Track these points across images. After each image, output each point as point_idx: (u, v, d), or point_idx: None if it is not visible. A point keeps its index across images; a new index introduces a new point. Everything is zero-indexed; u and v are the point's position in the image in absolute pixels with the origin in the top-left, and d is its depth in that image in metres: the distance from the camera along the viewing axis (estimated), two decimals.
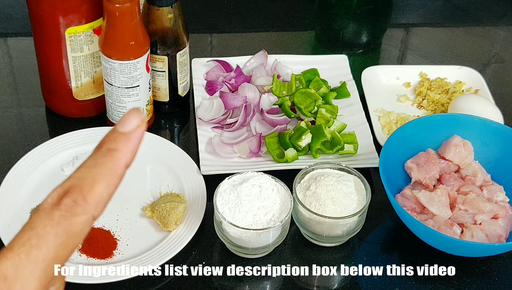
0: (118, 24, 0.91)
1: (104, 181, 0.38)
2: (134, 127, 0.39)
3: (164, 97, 1.04)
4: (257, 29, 1.30)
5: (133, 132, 0.39)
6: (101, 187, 0.38)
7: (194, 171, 0.94)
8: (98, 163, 0.38)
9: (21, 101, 1.11)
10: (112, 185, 0.38)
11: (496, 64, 1.25)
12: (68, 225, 0.36)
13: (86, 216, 0.37)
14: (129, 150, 0.39)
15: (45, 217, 0.36)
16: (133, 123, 0.39)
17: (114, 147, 0.38)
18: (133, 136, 0.39)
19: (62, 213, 0.36)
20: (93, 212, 0.37)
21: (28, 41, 1.15)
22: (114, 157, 0.38)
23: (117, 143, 0.38)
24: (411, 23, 1.36)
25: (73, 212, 0.36)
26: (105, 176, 0.38)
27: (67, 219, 0.36)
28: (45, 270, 0.35)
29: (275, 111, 1.04)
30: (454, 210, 0.87)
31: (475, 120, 0.95)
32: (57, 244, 0.36)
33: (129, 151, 0.39)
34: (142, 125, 0.39)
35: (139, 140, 0.39)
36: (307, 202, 0.85)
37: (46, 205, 0.37)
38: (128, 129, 0.39)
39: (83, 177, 0.38)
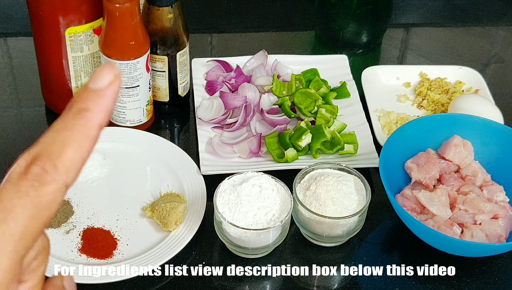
0: (118, 24, 0.91)
1: (75, 144, 0.34)
2: (107, 83, 0.35)
3: (164, 97, 1.04)
4: (257, 29, 1.30)
5: (106, 88, 0.35)
6: (72, 151, 0.34)
7: (194, 171, 0.94)
8: (68, 126, 0.34)
9: (21, 101, 1.11)
10: (84, 149, 0.35)
11: (496, 64, 1.25)
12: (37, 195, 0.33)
13: (57, 184, 0.34)
14: (102, 109, 0.35)
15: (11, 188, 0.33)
16: (106, 79, 0.35)
17: (85, 106, 0.35)
18: (106, 93, 0.35)
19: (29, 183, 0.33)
20: (65, 179, 0.34)
21: (28, 41, 1.15)
22: (85, 117, 0.34)
23: (88, 102, 0.35)
24: (411, 23, 1.36)
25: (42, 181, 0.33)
26: (76, 139, 0.34)
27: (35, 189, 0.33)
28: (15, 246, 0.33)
29: (275, 111, 1.04)
30: (454, 210, 0.87)
31: (475, 120, 0.95)
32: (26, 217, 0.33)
33: (102, 110, 0.35)
34: (116, 80, 0.35)
35: (113, 97, 0.35)
36: (307, 202, 0.85)
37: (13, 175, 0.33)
38: (101, 86, 0.35)
39: (52, 142, 0.34)
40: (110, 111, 0.35)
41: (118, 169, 0.96)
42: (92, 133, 0.35)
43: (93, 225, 0.88)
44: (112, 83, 0.35)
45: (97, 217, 0.89)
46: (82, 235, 0.87)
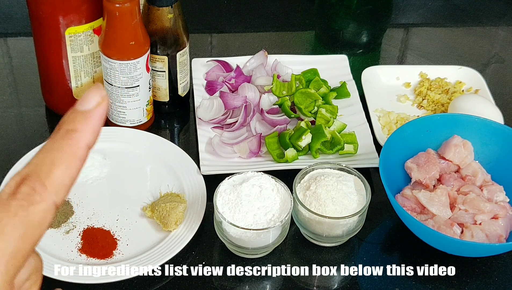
0: (118, 24, 0.91)
1: (63, 164, 0.35)
2: (94, 105, 0.36)
3: (164, 97, 1.04)
4: (257, 29, 1.30)
5: (93, 110, 0.36)
6: (61, 171, 0.35)
7: (194, 171, 0.94)
8: (56, 147, 0.35)
9: (21, 101, 1.11)
10: (73, 168, 0.35)
11: (496, 64, 1.25)
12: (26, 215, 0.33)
13: (46, 203, 0.34)
14: (89, 129, 0.36)
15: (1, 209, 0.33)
16: (93, 101, 0.36)
17: (72, 127, 0.36)
18: (93, 115, 0.36)
19: (19, 202, 0.34)
20: (54, 199, 0.35)
21: (28, 41, 1.15)
22: (73, 138, 0.35)
23: (76, 123, 0.36)
24: (411, 23, 1.36)
25: (31, 200, 0.34)
26: (64, 159, 0.35)
27: (25, 208, 0.34)
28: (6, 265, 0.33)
29: (275, 111, 1.04)
30: (454, 210, 0.87)
31: (475, 120, 0.95)
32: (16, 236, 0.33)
33: (90, 131, 0.36)
34: (102, 102, 0.36)
35: (100, 119, 0.36)
36: (307, 202, 0.85)
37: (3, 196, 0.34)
38: (88, 107, 0.36)
39: (41, 162, 0.35)
40: (97, 132, 0.36)
41: (118, 169, 0.96)
42: (80, 153, 0.35)
43: (93, 225, 0.88)
44: (99, 104, 0.36)
45: (97, 217, 0.89)
46: (82, 235, 0.87)
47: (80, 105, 0.36)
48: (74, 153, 0.35)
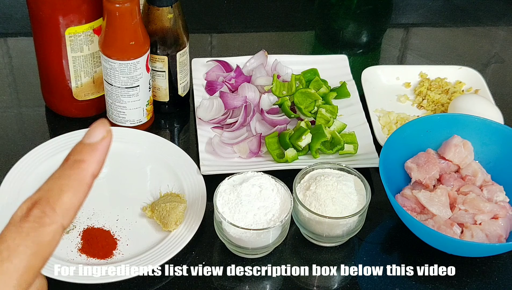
0: (118, 24, 0.91)
1: (71, 190, 0.39)
2: (99, 138, 0.41)
3: (164, 97, 1.04)
4: (257, 29, 1.30)
5: (98, 143, 0.41)
6: (68, 196, 0.39)
7: (194, 171, 0.94)
8: (65, 174, 0.39)
9: (21, 101, 1.11)
10: (79, 194, 0.40)
11: (496, 64, 1.25)
12: (37, 235, 0.37)
13: (55, 225, 0.38)
14: (95, 160, 0.40)
15: (14, 229, 0.37)
16: (99, 134, 0.41)
17: (80, 158, 0.40)
18: (99, 147, 0.41)
19: (31, 224, 0.37)
20: (62, 221, 0.38)
21: (28, 41, 1.15)
22: (80, 168, 0.40)
23: (83, 154, 0.40)
24: (411, 23, 1.36)
25: (41, 222, 0.37)
26: (72, 186, 0.39)
27: (36, 229, 0.37)
28: (18, 280, 0.36)
29: (275, 111, 1.04)
30: (454, 210, 0.87)
31: (475, 120, 0.95)
32: (28, 254, 0.37)
33: (95, 161, 0.40)
34: (107, 136, 0.41)
35: (105, 151, 0.41)
36: (307, 202, 0.85)
37: (16, 218, 0.38)
38: (94, 140, 0.41)
39: (50, 188, 0.39)
40: (102, 162, 0.41)
41: (118, 169, 0.96)
42: (86, 180, 0.40)
43: (93, 225, 0.88)
44: (104, 138, 0.41)
45: (97, 217, 0.89)
46: (82, 235, 0.87)
47: (87, 138, 0.41)
48: (81, 181, 0.40)
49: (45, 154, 0.96)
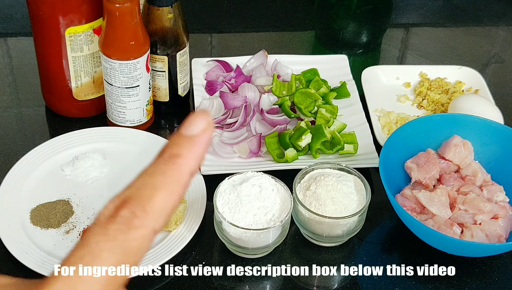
0: (118, 24, 0.91)
1: (165, 190, 0.34)
2: (200, 131, 0.35)
3: (164, 97, 1.04)
4: (257, 29, 1.30)
5: (199, 135, 0.35)
6: (162, 196, 0.34)
7: None
8: (160, 171, 0.34)
9: (21, 101, 1.11)
10: (175, 195, 0.34)
11: (496, 64, 1.25)
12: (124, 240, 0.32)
13: (146, 230, 0.33)
14: (193, 155, 0.35)
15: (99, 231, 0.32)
16: (199, 126, 0.35)
17: (177, 152, 0.34)
18: (199, 140, 0.35)
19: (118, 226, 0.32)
20: (154, 225, 0.33)
21: (28, 41, 1.15)
22: (177, 163, 0.34)
23: (181, 148, 0.35)
24: (411, 23, 1.36)
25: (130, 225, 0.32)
26: (167, 185, 0.34)
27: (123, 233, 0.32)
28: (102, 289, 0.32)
29: (275, 111, 1.04)
30: (454, 210, 0.87)
31: (475, 120, 0.95)
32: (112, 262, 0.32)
33: (194, 157, 0.35)
34: (209, 128, 0.35)
35: (205, 145, 0.35)
36: (307, 202, 0.85)
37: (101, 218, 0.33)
38: (194, 132, 0.35)
39: (143, 186, 0.34)
40: (201, 159, 0.35)
41: (118, 169, 0.96)
42: (183, 179, 0.34)
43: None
44: (205, 130, 0.35)
45: None
46: (82, 235, 0.87)
47: (185, 130, 0.35)
48: (177, 179, 0.34)
49: (45, 154, 0.96)
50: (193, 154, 0.35)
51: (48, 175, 0.94)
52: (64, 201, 0.91)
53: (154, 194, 0.33)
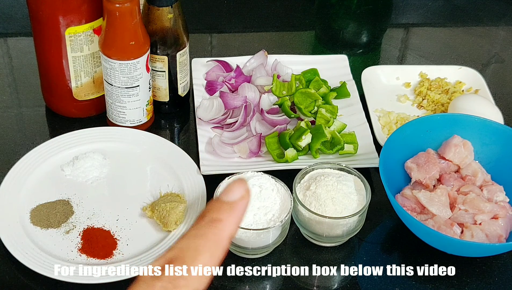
0: (118, 24, 0.91)
1: (208, 252, 0.36)
2: (238, 197, 0.37)
3: (164, 97, 1.04)
4: (257, 29, 1.30)
5: (237, 202, 0.37)
6: (205, 258, 0.35)
7: (194, 171, 0.94)
8: (202, 234, 0.36)
9: (21, 101, 1.11)
10: (215, 257, 0.36)
11: (496, 64, 1.25)
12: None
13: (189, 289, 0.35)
14: (233, 221, 0.37)
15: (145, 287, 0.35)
16: (238, 193, 0.38)
17: (218, 217, 0.37)
18: (238, 207, 0.37)
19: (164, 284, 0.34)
20: (197, 285, 0.35)
21: (28, 41, 1.15)
22: (217, 227, 0.36)
23: (221, 213, 0.37)
24: (411, 23, 1.36)
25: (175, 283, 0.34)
26: (209, 247, 0.36)
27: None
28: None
29: (275, 111, 1.04)
30: (454, 210, 0.87)
31: (475, 120, 0.95)
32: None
33: (233, 222, 0.37)
34: (247, 196, 0.38)
35: (243, 211, 0.38)
36: (307, 202, 0.85)
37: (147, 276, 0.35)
38: (233, 199, 0.37)
39: (186, 247, 0.36)
40: (239, 224, 0.37)
41: (118, 169, 0.96)
42: (223, 243, 0.36)
43: (93, 225, 0.88)
44: (243, 197, 0.37)
45: (97, 217, 0.89)
46: (82, 235, 0.87)
47: (225, 196, 0.37)
48: (218, 242, 0.36)
49: (45, 154, 0.96)
50: (232, 219, 0.37)
51: (48, 175, 0.94)
52: (64, 201, 0.91)
53: (197, 256, 0.35)
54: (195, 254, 0.35)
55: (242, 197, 0.38)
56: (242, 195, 0.38)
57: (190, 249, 0.36)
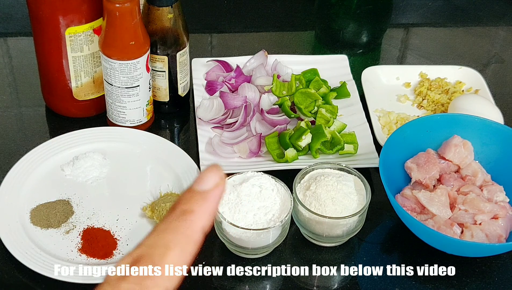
0: (118, 24, 0.91)
1: (177, 248, 0.33)
2: (212, 186, 0.35)
3: (164, 97, 1.04)
4: (257, 29, 1.30)
5: (210, 191, 0.35)
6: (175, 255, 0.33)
7: (194, 171, 0.94)
8: (171, 228, 0.33)
9: (21, 101, 1.11)
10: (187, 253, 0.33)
11: (496, 64, 1.25)
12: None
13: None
14: (205, 211, 0.34)
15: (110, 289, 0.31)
16: (211, 181, 0.35)
17: (189, 208, 0.34)
18: (211, 196, 0.34)
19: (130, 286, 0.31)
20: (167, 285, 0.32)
21: (28, 41, 1.15)
22: (188, 219, 0.34)
23: (192, 203, 0.34)
24: (411, 23, 1.36)
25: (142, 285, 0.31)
26: (179, 243, 0.33)
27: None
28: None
29: (275, 111, 1.04)
30: (454, 210, 0.87)
31: (475, 120, 0.95)
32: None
33: (206, 213, 0.34)
34: (221, 183, 0.35)
35: (217, 201, 0.35)
36: (307, 202, 0.85)
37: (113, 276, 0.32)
38: (206, 188, 0.35)
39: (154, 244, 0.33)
40: (213, 215, 0.35)
41: (118, 169, 0.96)
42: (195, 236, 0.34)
43: (93, 225, 0.88)
44: (217, 185, 0.35)
45: (97, 217, 0.89)
46: (82, 235, 0.87)
47: (197, 185, 0.35)
48: (189, 236, 0.34)
49: (45, 154, 0.96)
50: (204, 209, 0.34)
51: (48, 175, 0.94)
52: (64, 201, 0.91)
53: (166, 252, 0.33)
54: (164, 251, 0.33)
55: (216, 184, 0.35)
56: (216, 182, 0.35)
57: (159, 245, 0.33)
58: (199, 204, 0.34)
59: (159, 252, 0.33)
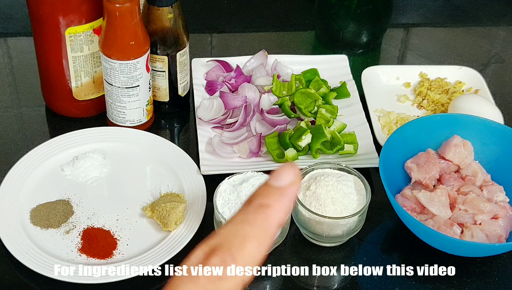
0: (118, 24, 0.91)
1: (255, 240, 0.33)
2: (288, 182, 0.35)
3: (164, 97, 1.04)
4: (257, 29, 1.30)
5: (287, 187, 0.35)
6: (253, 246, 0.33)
7: (194, 171, 0.94)
8: (249, 220, 0.34)
9: (21, 101, 1.11)
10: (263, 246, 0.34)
11: (496, 64, 1.25)
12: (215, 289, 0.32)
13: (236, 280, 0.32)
14: (282, 207, 0.34)
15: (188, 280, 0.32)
16: (288, 178, 0.35)
17: (266, 202, 0.34)
18: (287, 192, 0.35)
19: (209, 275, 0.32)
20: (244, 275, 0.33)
21: (28, 41, 1.15)
22: (266, 213, 0.34)
23: (269, 198, 0.34)
24: (411, 23, 1.36)
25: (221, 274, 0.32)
26: (257, 235, 0.33)
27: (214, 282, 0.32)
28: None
29: (275, 111, 1.04)
30: (454, 210, 0.87)
31: (475, 120, 0.95)
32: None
33: (282, 208, 0.34)
34: (297, 181, 0.35)
35: (293, 197, 0.35)
36: (307, 202, 0.85)
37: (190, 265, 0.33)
38: (282, 184, 0.35)
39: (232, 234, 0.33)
40: (289, 210, 0.35)
41: (118, 169, 0.96)
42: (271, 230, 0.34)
43: (93, 225, 0.88)
44: (293, 182, 0.35)
45: (97, 217, 0.89)
46: (82, 235, 0.87)
47: (274, 181, 0.35)
48: (266, 230, 0.34)
49: (45, 154, 0.96)
50: (281, 205, 0.34)
51: (48, 175, 0.94)
52: (64, 201, 0.91)
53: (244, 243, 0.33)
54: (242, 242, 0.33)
55: (292, 182, 0.35)
56: (292, 180, 0.35)
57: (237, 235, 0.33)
58: (276, 199, 0.34)
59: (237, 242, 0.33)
